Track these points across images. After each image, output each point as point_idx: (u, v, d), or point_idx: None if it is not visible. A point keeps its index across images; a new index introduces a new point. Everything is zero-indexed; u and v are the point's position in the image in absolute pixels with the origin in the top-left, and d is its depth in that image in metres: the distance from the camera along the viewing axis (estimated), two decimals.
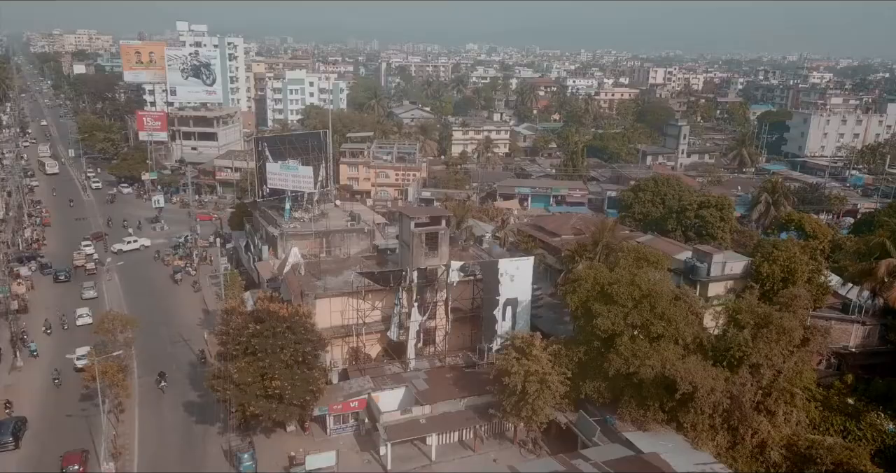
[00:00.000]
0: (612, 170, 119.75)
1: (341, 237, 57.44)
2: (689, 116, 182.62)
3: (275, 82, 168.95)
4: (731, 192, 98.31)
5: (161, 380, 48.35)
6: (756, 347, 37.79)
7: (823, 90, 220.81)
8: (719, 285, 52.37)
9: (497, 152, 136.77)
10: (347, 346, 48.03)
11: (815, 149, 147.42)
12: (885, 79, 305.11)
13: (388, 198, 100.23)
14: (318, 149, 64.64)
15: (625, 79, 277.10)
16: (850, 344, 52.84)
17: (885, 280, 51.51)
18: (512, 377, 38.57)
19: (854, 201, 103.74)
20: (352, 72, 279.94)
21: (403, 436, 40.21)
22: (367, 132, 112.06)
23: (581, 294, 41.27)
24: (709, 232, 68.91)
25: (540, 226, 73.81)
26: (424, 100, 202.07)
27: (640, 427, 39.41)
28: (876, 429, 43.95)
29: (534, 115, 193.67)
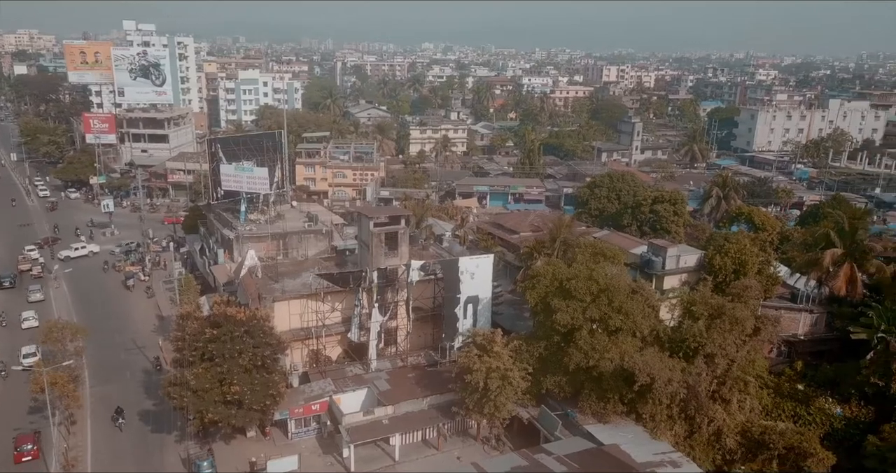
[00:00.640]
0: (569, 168, 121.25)
1: (299, 238, 56.70)
2: (642, 113, 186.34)
3: (227, 82, 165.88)
4: (683, 187, 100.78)
5: (118, 417, 43.75)
6: (710, 337, 38.75)
7: (769, 87, 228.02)
8: (674, 278, 53.49)
9: (455, 151, 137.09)
10: (307, 349, 47.45)
11: (762, 144, 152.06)
12: (826, 75, 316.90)
13: (346, 198, 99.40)
14: (273, 149, 63.68)
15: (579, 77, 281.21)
16: (799, 332, 54.61)
17: (830, 269, 53.43)
18: (474, 374, 38.70)
19: (800, 194, 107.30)
20: (306, 71, 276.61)
21: (366, 437, 39.97)
22: (323, 132, 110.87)
23: (540, 290, 41.67)
24: (663, 226, 70.34)
25: (499, 224, 74.25)
26: (381, 100, 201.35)
27: (601, 420, 40.01)
28: (824, 413, 45.62)
29: (490, 114, 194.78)
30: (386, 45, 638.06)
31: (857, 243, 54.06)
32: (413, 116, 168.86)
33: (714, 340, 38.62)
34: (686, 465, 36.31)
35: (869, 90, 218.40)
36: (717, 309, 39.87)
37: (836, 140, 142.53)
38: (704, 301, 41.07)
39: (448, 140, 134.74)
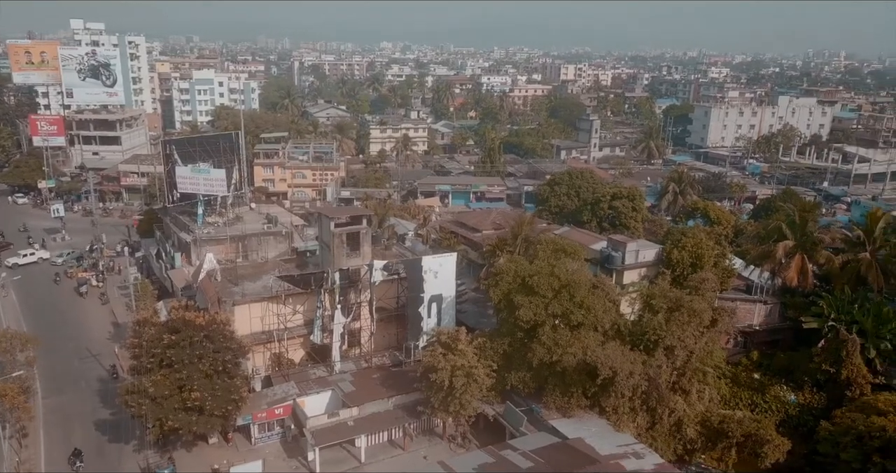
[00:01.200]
0: (529, 166, 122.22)
1: (258, 240, 55.83)
2: (600, 111, 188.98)
3: (181, 82, 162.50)
4: (641, 183, 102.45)
5: (76, 461, 39.36)
6: (670, 330, 39.51)
7: (721, 84, 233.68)
8: (633, 272, 54.44)
9: (416, 150, 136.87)
10: (269, 352, 46.78)
11: (716, 140, 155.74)
12: (775, 73, 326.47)
13: (306, 198, 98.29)
14: (230, 150, 62.64)
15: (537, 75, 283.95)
16: (754, 323, 56.11)
17: (782, 261, 55.03)
18: (439, 373, 38.68)
19: (753, 188, 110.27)
20: (263, 71, 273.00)
21: (331, 440, 39.60)
22: (281, 132, 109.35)
23: (503, 287, 41.87)
24: (622, 222, 71.48)
25: (461, 223, 74.44)
26: (340, 99, 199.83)
27: (565, 414, 40.44)
28: (779, 401, 47.07)
29: (451, 113, 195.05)
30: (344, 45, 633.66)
31: (807, 235, 55.77)
32: (373, 116, 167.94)
33: (673, 332, 39.39)
34: (648, 456, 36.95)
35: (815, 87, 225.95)
36: (675, 302, 40.65)
37: (785, 135, 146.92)
38: (663, 294, 41.82)
39: (409, 139, 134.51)
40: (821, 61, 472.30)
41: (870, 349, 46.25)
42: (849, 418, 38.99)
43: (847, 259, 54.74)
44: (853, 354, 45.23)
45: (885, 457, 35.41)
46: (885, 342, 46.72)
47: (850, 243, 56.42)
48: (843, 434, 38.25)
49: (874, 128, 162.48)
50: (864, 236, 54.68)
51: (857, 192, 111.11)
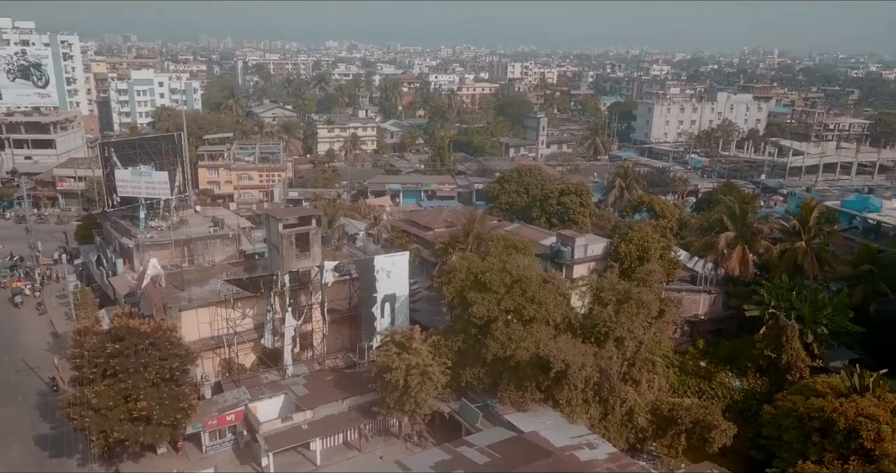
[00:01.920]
0: (479, 164, 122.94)
1: (204, 244, 54.42)
2: (547, 109, 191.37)
3: (119, 83, 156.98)
4: (588, 179, 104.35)
5: None
6: (619, 321, 40.30)
7: (663, 81, 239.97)
8: (583, 266, 55.31)
9: (365, 149, 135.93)
10: (219, 358, 45.66)
11: (658, 135, 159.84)
12: (713, 70, 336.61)
13: (253, 200, 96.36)
14: (172, 152, 60.90)
15: (485, 74, 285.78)
16: (700, 313, 57.78)
17: (724, 252, 56.83)
18: (393, 372, 38.49)
19: (695, 182, 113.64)
20: (205, 71, 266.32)
21: (285, 444, 38.96)
22: (225, 133, 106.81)
23: (456, 284, 41.97)
24: (570, 217, 72.56)
25: (413, 221, 74.29)
26: (286, 99, 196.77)
27: (520, 408, 40.79)
28: (725, 387, 48.60)
29: (399, 112, 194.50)
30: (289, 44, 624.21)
31: (747, 226, 57.71)
32: (320, 115, 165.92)
33: (623, 324, 40.19)
34: (602, 446, 37.62)
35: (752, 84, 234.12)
36: (624, 295, 41.47)
37: (724, 130, 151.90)
38: (612, 287, 42.62)
39: (357, 138, 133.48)
40: (756, 59, 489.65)
41: (808, 334, 48.14)
42: (790, 401, 40.48)
43: (784, 248, 56.89)
44: (792, 339, 47.00)
45: (823, 437, 36.92)
46: (822, 327, 48.72)
47: (787, 233, 58.66)
48: (785, 416, 39.72)
49: (807, 122, 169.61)
50: (800, 226, 56.92)
51: (792, 184, 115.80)
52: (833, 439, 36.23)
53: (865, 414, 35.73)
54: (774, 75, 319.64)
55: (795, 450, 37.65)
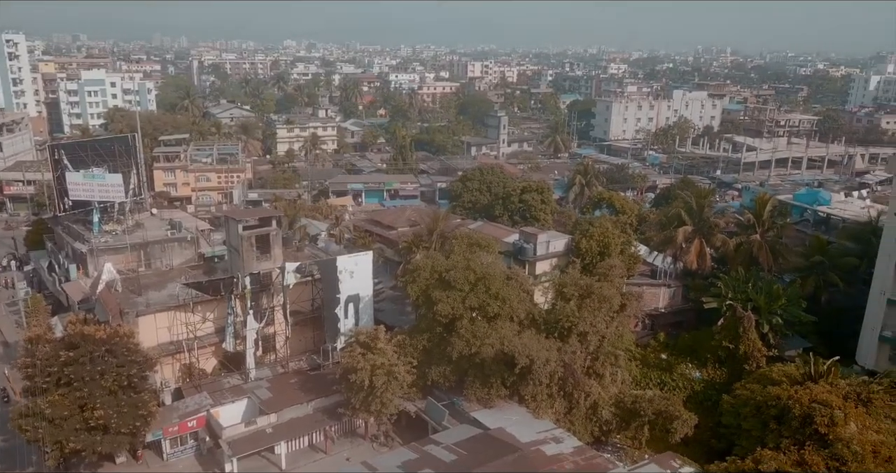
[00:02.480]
0: (441, 163, 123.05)
1: (161, 248, 53.32)
2: (507, 107, 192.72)
3: (69, 84, 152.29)
4: (549, 177, 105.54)
5: None
6: (582, 316, 40.73)
7: (621, 80, 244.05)
8: (545, 263, 55.82)
9: (325, 149, 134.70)
10: (179, 363, 44.69)
11: (617, 133, 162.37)
12: (669, 69, 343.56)
13: (212, 202, 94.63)
14: (126, 154, 59.45)
15: (445, 73, 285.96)
16: (660, 306, 58.89)
17: (682, 246, 58.05)
18: (359, 373, 38.20)
19: (653, 178, 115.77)
20: (159, 71, 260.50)
21: (249, 449, 38.36)
22: (182, 134, 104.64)
23: (420, 283, 41.87)
24: (532, 214, 73.17)
25: (376, 221, 73.89)
26: (244, 99, 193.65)
27: (486, 405, 40.91)
28: (685, 378, 49.62)
29: (360, 111, 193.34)
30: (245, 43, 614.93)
31: (704, 220, 59.04)
32: (279, 115, 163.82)
33: (585, 318, 40.63)
34: (567, 440, 37.97)
35: (706, 81, 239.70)
36: (586, 290, 41.92)
37: (681, 127, 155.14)
38: (574, 282, 43.03)
39: (317, 138, 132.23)
40: (709, 57, 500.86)
41: (763, 324, 49.45)
42: (748, 390, 41.49)
43: (740, 241, 58.40)
44: (749, 330, 48.23)
45: (780, 424, 37.91)
46: (777, 317, 50.11)
47: (743, 226, 60.18)
48: (743, 405, 40.70)
49: (759, 118, 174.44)
50: (755, 219, 58.47)
51: (746, 179, 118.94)
52: (789, 425, 37.22)
53: (819, 401, 36.80)
54: (727, 73, 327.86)
55: (754, 438, 38.58)
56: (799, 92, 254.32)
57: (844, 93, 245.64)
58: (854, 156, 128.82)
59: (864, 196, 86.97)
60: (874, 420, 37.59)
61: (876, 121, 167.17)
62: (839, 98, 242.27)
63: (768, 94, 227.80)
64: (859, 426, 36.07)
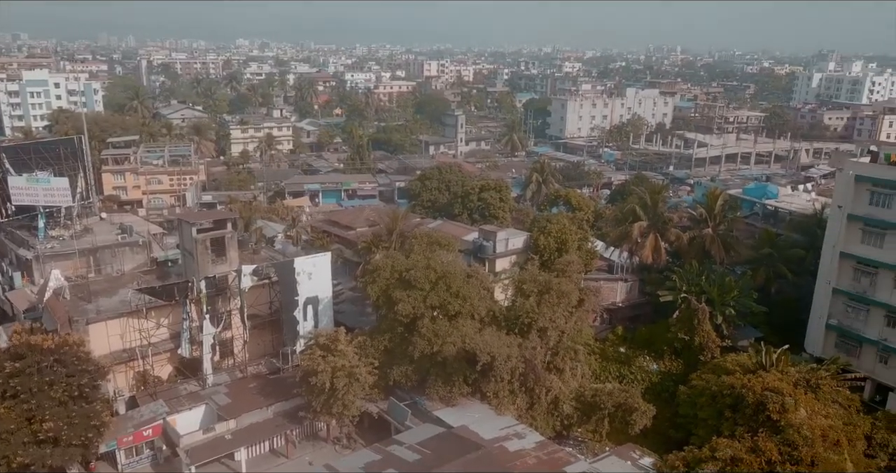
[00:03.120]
0: (399, 162, 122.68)
1: (112, 253, 51.72)
2: (464, 106, 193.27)
3: (9, 84, 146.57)
4: (506, 175, 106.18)
5: None
6: (541, 312, 41.11)
7: (575, 78, 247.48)
8: (505, 260, 56.19)
9: (281, 149, 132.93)
10: (133, 371, 43.43)
11: (573, 131, 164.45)
12: (622, 67, 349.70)
13: (164, 205, 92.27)
14: (72, 157, 57.61)
15: (401, 72, 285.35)
16: (617, 300, 59.81)
17: (638, 240, 59.12)
18: (319, 375, 37.75)
19: (609, 175, 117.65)
20: (106, 71, 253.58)
21: (208, 456, 37.52)
22: (131, 136, 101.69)
23: (381, 283, 41.64)
24: (491, 212, 73.55)
25: (334, 221, 73.21)
26: (195, 99, 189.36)
27: (448, 404, 40.93)
28: (643, 371, 50.56)
29: (315, 111, 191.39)
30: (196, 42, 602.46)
31: (658, 216, 60.24)
32: (232, 115, 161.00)
33: (545, 314, 41.02)
34: (529, 435, 38.30)
35: (658, 79, 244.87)
36: (545, 286, 42.31)
37: (634, 124, 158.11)
38: (533, 278, 43.41)
39: (272, 138, 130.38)
40: (660, 56, 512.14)
41: (717, 315, 50.77)
42: (703, 380, 42.52)
43: (693, 235, 59.80)
44: (703, 321, 49.46)
45: (735, 412, 39.01)
46: (729, 308, 51.51)
47: (695, 221, 61.63)
48: (699, 395, 41.70)
49: (709, 115, 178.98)
50: (707, 214, 59.94)
51: (698, 174, 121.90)
52: (743, 413, 38.32)
53: (771, 388, 37.99)
54: (678, 72, 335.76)
55: (710, 427, 39.57)
56: (746, 89, 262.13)
57: (789, 90, 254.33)
58: (799, 151, 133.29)
59: (809, 189, 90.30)
60: (822, 405, 39.02)
61: (819, 117, 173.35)
62: (784, 95, 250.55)
63: (717, 92, 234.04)
64: (809, 411, 37.36)
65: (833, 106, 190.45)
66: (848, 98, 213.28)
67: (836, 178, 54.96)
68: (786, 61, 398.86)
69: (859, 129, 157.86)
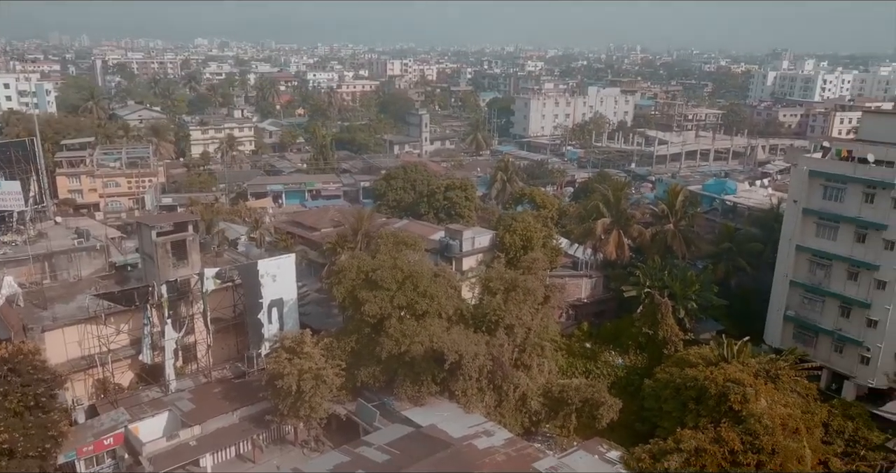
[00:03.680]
0: (363, 161, 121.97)
1: (68, 258, 50.39)
2: (428, 105, 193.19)
3: None
4: (472, 174, 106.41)
5: None
6: (508, 309, 41.30)
7: (538, 77, 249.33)
8: (471, 258, 56.31)
9: (242, 150, 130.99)
10: (92, 379, 42.31)
11: (536, 129, 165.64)
12: (584, 66, 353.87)
13: (122, 209, 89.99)
14: (24, 160, 56.28)
15: (364, 71, 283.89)
16: (583, 296, 60.51)
17: (602, 237, 59.87)
18: (285, 378, 37.26)
19: (572, 173, 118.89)
20: (59, 71, 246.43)
21: (172, 464, 36.73)
22: (86, 137, 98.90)
23: (346, 284, 41.30)
24: (457, 211, 73.70)
25: (298, 222, 72.46)
26: (153, 100, 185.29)
27: (417, 403, 40.82)
28: (609, 365, 51.25)
29: (277, 111, 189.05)
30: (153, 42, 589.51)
31: (621, 212, 61.09)
32: (192, 116, 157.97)
33: (511, 311, 41.22)
34: (498, 432, 38.44)
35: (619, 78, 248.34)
36: (511, 283, 42.52)
37: (596, 123, 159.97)
38: (500, 276, 43.57)
39: (234, 139, 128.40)
40: (621, 55, 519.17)
41: (680, 309, 51.74)
42: (667, 373, 43.29)
43: (655, 231, 60.80)
44: (666, 315, 50.36)
45: (698, 404, 39.79)
46: (691, 302, 52.54)
47: (657, 217, 62.66)
48: (664, 387, 42.43)
49: (669, 113, 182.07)
50: (668, 209, 60.99)
51: (659, 171, 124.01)
52: (706, 405, 39.12)
53: (732, 380, 38.88)
54: (638, 70, 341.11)
55: (675, 419, 40.29)
56: (704, 87, 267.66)
57: (745, 88, 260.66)
58: (756, 148, 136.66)
59: (766, 185, 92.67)
60: (782, 394, 40.10)
61: (774, 114, 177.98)
62: (740, 93, 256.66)
63: (676, 90, 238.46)
64: (769, 401, 38.34)
65: (787, 103, 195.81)
66: (801, 95, 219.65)
67: (791, 174, 56.51)
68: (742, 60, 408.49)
69: (812, 126, 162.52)
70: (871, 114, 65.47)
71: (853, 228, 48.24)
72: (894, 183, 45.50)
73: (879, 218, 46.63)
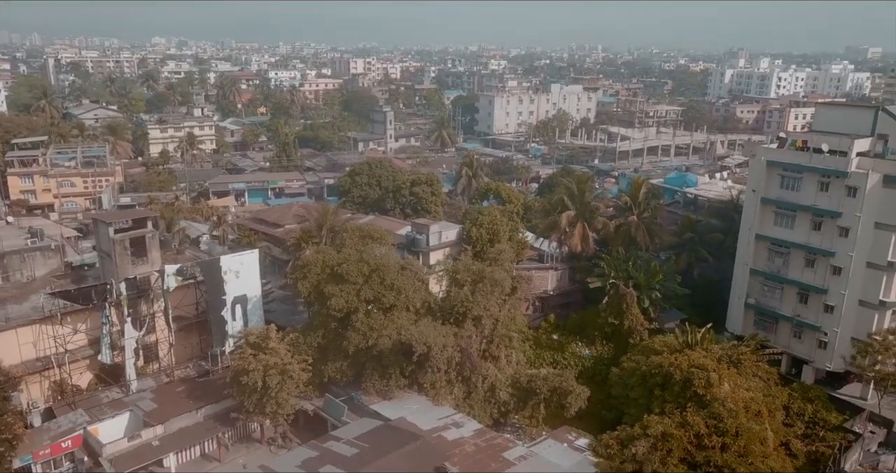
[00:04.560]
0: (327, 159, 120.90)
1: (21, 258, 48.65)
2: (392, 103, 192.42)
3: None
4: (437, 171, 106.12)
5: None
6: (475, 301, 41.28)
7: (501, 75, 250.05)
8: (439, 252, 56.17)
9: (203, 149, 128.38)
10: (49, 381, 40.99)
11: (500, 127, 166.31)
12: (546, 65, 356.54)
13: (79, 209, 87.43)
14: None
15: (327, 70, 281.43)
16: (549, 288, 60.86)
17: (566, 230, 60.29)
18: (250, 374, 36.62)
19: (536, 169, 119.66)
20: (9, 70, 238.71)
21: (134, 465, 35.77)
22: (39, 137, 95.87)
23: (312, 278, 40.82)
24: (423, 206, 73.47)
25: (261, 219, 71.41)
26: (109, 99, 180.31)
27: (385, 397, 40.56)
28: (576, 356, 51.68)
29: (239, 110, 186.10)
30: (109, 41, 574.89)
31: (585, 204, 61.58)
32: (150, 115, 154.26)
33: (479, 303, 41.21)
34: (468, 424, 38.43)
35: (581, 76, 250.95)
36: (478, 274, 42.51)
37: (560, 120, 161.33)
38: (467, 268, 43.54)
39: (194, 137, 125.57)
40: (582, 54, 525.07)
41: (644, 299, 52.43)
42: (633, 361, 43.74)
43: (619, 223, 61.46)
44: (631, 306, 50.98)
45: (664, 390, 40.26)
46: (655, 292, 53.29)
47: (621, 209, 63.36)
48: (630, 375, 42.87)
49: (630, 110, 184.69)
50: (631, 201, 61.72)
51: (622, 167, 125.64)
52: (672, 390, 39.60)
53: (696, 365, 39.42)
54: (600, 69, 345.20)
55: (641, 406, 40.65)
56: (664, 85, 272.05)
57: (703, 85, 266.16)
58: (715, 143, 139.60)
59: (725, 177, 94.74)
60: (744, 378, 40.84)
61: (732, 110, 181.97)
62: (699, 90, 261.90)
63: (637, 88, 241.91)
64: (732, 385, 38.99)
65: (744, 100, 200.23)
66: (757, 92, 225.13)
67: (750, 164, 57.72)
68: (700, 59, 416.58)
69: (769, 121, 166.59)
70: (825, 105, 67.43)
71: (809, 216, 49.46)
72: (847, 171, 46.80)
73: (834, 206, 47.90)
